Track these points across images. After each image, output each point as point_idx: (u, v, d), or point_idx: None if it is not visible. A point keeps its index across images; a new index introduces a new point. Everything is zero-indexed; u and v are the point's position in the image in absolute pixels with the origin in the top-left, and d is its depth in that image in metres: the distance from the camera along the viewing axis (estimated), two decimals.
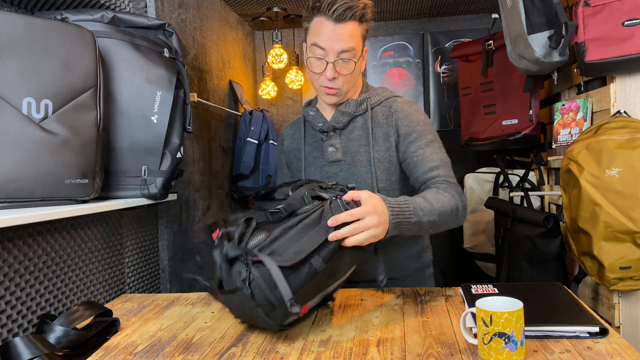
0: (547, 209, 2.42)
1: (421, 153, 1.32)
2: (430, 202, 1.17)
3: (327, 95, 1.35)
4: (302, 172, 1.47)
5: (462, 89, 2.63)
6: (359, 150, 1.38)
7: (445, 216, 1.19)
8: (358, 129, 1.39)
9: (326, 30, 1.27)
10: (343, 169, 1.41)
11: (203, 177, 2.27)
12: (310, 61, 1.33)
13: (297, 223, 1.02)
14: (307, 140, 1.47)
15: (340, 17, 1.25)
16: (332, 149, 1.40)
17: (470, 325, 0.99)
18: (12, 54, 1.08)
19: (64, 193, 1.16)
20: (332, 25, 1.26)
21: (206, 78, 2.37)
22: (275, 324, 0.97)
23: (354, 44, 1.29)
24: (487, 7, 3.00)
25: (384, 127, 1.37)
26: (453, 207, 1.22)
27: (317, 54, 1.30)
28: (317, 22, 1.29)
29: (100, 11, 1.40)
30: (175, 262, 1.93)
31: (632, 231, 1.47)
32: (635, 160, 1.47)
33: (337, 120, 1.38)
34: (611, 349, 0.92)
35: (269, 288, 0.94)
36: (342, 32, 1.27)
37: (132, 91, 1.40)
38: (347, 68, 1.30)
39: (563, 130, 1.94)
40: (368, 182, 1.38)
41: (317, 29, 1.29)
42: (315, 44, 1.29)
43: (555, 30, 1.61)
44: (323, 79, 1.32)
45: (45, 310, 1.25)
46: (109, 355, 1.02)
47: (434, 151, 1.32)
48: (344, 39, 1.27)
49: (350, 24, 1.27)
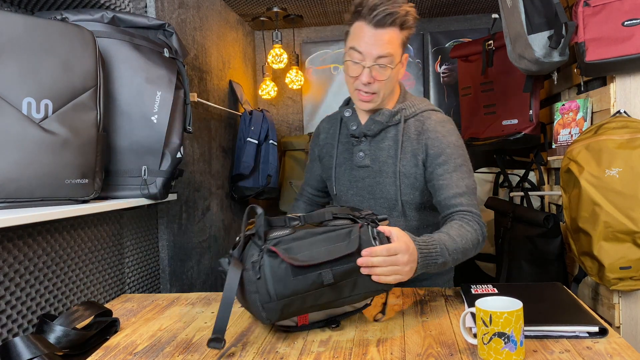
0: (547, 209, 2.42)
1: (447, 177, 1.31)
2: (455, 240, 1.18)
3: (360, 101, 1.34)
4: (332, 169, 1.48)
5: (462, 89, 2.63)
6: (387, 161, 1.38)
7: (468, 252, 1.22)
8: (388, 139, 1.38)
9: (365, 35, 1.26)
10: (370, 175, 1.41)
11: (203, 177, 2.28)
12: (347, 64, 1.32)
13: (322, 233, 1.02)
14: (341, 139, 1.48)
15: (380, 22, 1.24)
16: (362, 155, 1.41)
17: (470, 325, 0.99)
18: (12, 54, 1.08)
19: (64, 193, 1.16)
20: (372, 30, 1.25)
21: (206, 78, 2.37)
22: (266, 317, 0.97)
23: (392, 50, 1.27)
24: (487, 7, 3.00)
25: (414, 143, 1.36)
26: (475, 241, 1.24)
27: (354, 58, 1.29)
28: (358, 27, 1.28)
29: (100, 11, 1.40)
30: (175, 262, 1.93)
31: (632, 231, 1.47)
32: (635, 160, 1.47)
33: (368, 128, 1.38)
34: (611, 348, 0.92)
35: (272, 279, 0.94)
36: (381, 37, 1.26)
37: (132, 91, 1.40)
38: (383, 74, 1.29)
39: (563, 130, 1.94)
40: (392, 194, 1.38)
41: (357, 33, 1.28)
42: (354, 47, 1.28)
43: (555, 30, 1.61)
44: (358, 83, 1.31)
45: (45, 310, 1.25)
46: (109, 355, 1.02)
47: (460, 177, 1.31)
48: (382, 45, 1.26)
49: (391, 30, 1.26)
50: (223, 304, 0.96)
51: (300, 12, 2.98)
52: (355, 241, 1.01)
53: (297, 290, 0.96)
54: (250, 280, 0.96)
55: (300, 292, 0.97)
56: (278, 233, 1.01)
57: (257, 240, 0.99)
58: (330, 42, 3.30)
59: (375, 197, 1.41)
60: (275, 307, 0.96)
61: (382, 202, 1.40)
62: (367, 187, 1.41)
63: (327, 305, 1.03)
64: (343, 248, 1.00)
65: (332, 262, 0.98)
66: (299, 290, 0.97)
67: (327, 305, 1.03)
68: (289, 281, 0.96)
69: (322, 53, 3.33)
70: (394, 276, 1.03)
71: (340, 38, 3.29)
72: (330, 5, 2.86)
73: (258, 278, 0.95)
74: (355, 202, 1.45)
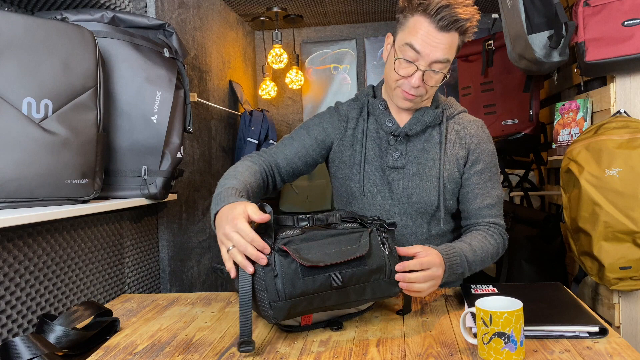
0: (547, 209, 2.42)
1: (483, 186, 1.29)
2: (476, 252, 1.19)
3: (402, 99, 1.25)
4: (359, 166, 1.33)
5: (462, 89, 2.63)
6: (427, 164, 1.29)
7: (485, 263, 1.23)
8: (429, 140, 1.31)
9: (426, 34, 1.15)
10: (405, 177, 1.30)
11: (203, 177, 2.27)
12: (399, 62, 1.20)
13: (333, 235, 1.02)
14: (370, 134, 1.34)
15: (446, 26, 1.15)
16: (398, 155, 1.30)
17: (470, 325, 0.99)
18: (12, 54, 1.08)
19: (64, 193, 1.16)
20: (435, 31, 1.15)
21: (206, 78, 2.37)
22: (273, 316, 0.97)
23: (450, 57, 1.20)
24: (487, 7, 3.00)
25: (456, 147, 1.30)
26: (494, 254, 1.25)
27: (408, 56, 1.19)
28: (418, 22, 1.16)
29: (100, 11, 1.40)
30: (175, 262, 1.93)
31: (632, 231, 1.47)
32: (635, 160, 1.47)
33: (411, 127, 1.29)
34: (611, 348, 0.92)
35: (282, 278, 0.94)
36: (442, 40, 1.16)
37: (132, 91, 1.40)
38: (435, 79, 1.21)
39: (563, 130, 1.94)
40: (433, 198, 1.29)
41: (416, 29, 1.16)
42: (411, 44, 1.17)
43: (555, 30, 1.61)
44: (406, 83, 1.21)
45: (45, 310, 1.25)
46: (109, 355, 1.02)
47: (493, 186, 1.31)
48: (442, 49, 1.16)
49: (453, 35, 1.17)
50: (243, 305, 0.95)
51: (300, 12, 2.98)
52: (365, 245, 1.01)
53: (305, 291, 0.96)
54: (260, 278, 0.95)
55: (309, 292, 0.97)
56: (288, 232, 1.01)
57: (266, 239, 0.99)
58: (330, 42, 3.30)
59: (411, 202, 1.30)
60: (283, 306, 0.96)
61: (419, 207, 1.30)
62: (401, 190, 1.30)
63: (333, 307, 1.03)
64: (353, 251, 1.00)
65: (341, 264, 0.99)
66: (307, 291, 0.96)
67: (334, 307, 1.03)
68: (299, 281, 0.96)
69: (322, 53, 3.33)
70: (428, 289, 1.06)
71: (340, 38, 3.29)
72: (330, 5, 2.86)
73: (275, 276, 0.95)
74: (386, 206, 1.33)
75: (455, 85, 3.15)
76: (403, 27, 1.20)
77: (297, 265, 0.96)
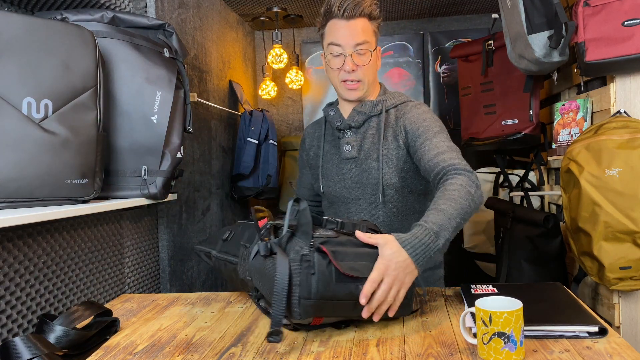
0: (547, 209, 2.42)
1: (428, 143, 1.35)
2: (446, 211, 1.10)
3: (348, 90, 1.41)
4: (319, 168, 1.53)
5: (462, 89, 2.63)
6: (371, 148, 1.43)
7: (466, 211, 1.14)
8: (372, 129, 1.45)
9: (340, 29, 1.37)
10: (356, 165, 1.46)
11: (203, 177, 2.27)
12: (329, 59, 1.40)
13: (361, 246, 1.03)
14: (327, 138, 1.54)
15: (350, 14, 1.35)
16: (348, 147, 1.46)
17: (470, 325, 0.99)
18: (12, 54, 1.08)
19: (63, 193, 1.16)
20: (345, 22, 1.37)
21: (206, 78, 2.37)
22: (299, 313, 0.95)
23: (367, 38, 1.38)
24: (487, 7, 3.00)
25: (394, 127, 1.43)
26: (467, 196, 1.16)
27: (334, 51, 1.38)
28: (331, 24, 1.40)
29: (100, 11, 1.40)
30: (175, 262, 1.93)
31: (632, 231, 1.47)
32: (635, 160, 1.47)
33: (353, 119, 1.44)
34: (610, 348, 0.92)
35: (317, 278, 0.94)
36: (354, 27, 1.36)
37: (132, 91, 1.40)
38: (364, 59, 1.38)
39: (563, 130, 1.94)
40: (376, 177, 1.42)
41: (332, 30, 1.39)
42: (332, 42, 1.38)
43: (555, 30, 1.61)
44: (343, 73, 1.39)
45: (45, 310, 1.25)
46: (109, 355, 1.02)
47: (440, 140, 1.35)
48: (357, 33, 1.36)
49: (361, 20, 1.37)
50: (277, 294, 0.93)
51: (300, 12, 2.98)
52: None
53: (335, 296, 0.96)
54: (296, 272, 0.95)
55: (337, 298, 0.97)
56: (323, 232, 1.01)
57: (302, 235, 0.98)
58: None
59: (362, 186, 1.45)
60: (311, 305, 0.95)
61: (369, 189, 1.44)
62: (354, 177, 1.46)
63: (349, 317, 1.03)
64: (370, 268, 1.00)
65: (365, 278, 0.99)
66: (336, 296, 0.97)
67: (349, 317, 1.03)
68: (332, 284, 0.96)
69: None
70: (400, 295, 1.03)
71: None
72: None
73: (312, 273, 0.95)
74: (343, 195, 1.48)
75: (455, 85, 3.15)
76: (325, 36, 1.43)
77: (333, 269, 0.96)
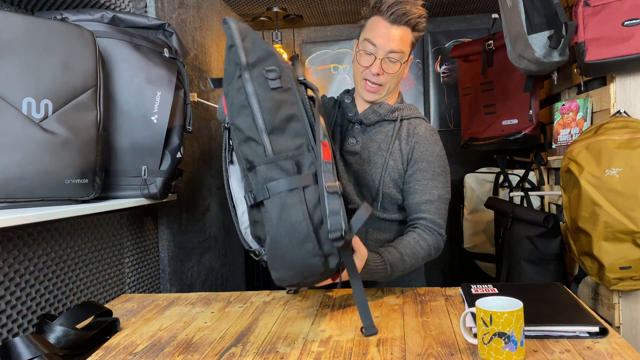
0: (547, 209, 2.42)
1: (424, 184, 1.37)
2: (405, 260, 1.26)
3: (366, 91, 1.41)
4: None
5: (462, 89, 2.63)
6: (377, 153, 1.43)
7: (415, 267, 1.30)
8: (382, 133, 1.44)
9: (381, 29, 1.35)
10: (357, 162, 1.45)
11: (203, 177, 2.27)
12: (360, 54, 1.39)
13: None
14: (337, 120, 1.52)
15: (396, 19, 1.33)
16: (353, 140, 1.45)
17: (470, 325, 0.99)
18: (12, 54, 1.08)
19: (64, 193, 1.16)
20: (388, 25, 1.34)
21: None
22: (322, 264, 0.94)
23: (404, 48, 1.36)
24: (487, 7, 3.00)
25: (403, 143, 1.42)
26: (425, 257, 1.32)
27: (367, 49, 1.37)
28: (374, 21, 1.37)
29: (100, 11, 1.40)
30: (175, 262, 1.93)
31: (632, 231, 1.47)
32: (635, 160, 1.47)
33: (366, 117, 1.44)
34: (611, 348, 0.92)
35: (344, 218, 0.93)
36: (395, 33, 1.34)
37: (132, 91, 1.40)
38: (392, 68, 1.37)
39: (563, 130, 1.94)
40: (375, 183, 1.41)
41: (373, 26, 1.37)
42: (368, 39, 1.36)
43: (555, 30, 1.61)
44: (367, 72, 1.38)
45: (45, 310, 1.25)
46: (109, 355, 1.02)
47: (436, 186, 1.37)
48: (395, 40, 1.34)
49: (404, 29, 1.35)
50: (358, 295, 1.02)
51: (300, 12, 2.98)
52: None
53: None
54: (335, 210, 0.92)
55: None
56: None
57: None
58: (330, 42, 3.30)
59: (359, 185, 1.45)
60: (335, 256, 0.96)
61: (364, 190, 1.44)
62: (352, 172, 1.45)
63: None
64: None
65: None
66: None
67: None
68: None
69: (322, 53, 3.33)
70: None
71: (340, 38, 3.29)
72: (330, 5, 2.86)
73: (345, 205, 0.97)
74: None
75: (455, 86, 3.15)
76: (364, 29, 1.41)
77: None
